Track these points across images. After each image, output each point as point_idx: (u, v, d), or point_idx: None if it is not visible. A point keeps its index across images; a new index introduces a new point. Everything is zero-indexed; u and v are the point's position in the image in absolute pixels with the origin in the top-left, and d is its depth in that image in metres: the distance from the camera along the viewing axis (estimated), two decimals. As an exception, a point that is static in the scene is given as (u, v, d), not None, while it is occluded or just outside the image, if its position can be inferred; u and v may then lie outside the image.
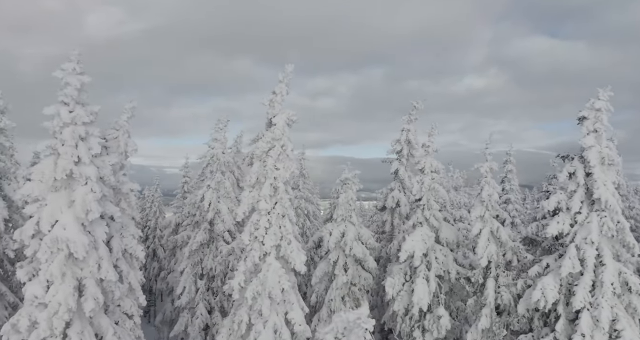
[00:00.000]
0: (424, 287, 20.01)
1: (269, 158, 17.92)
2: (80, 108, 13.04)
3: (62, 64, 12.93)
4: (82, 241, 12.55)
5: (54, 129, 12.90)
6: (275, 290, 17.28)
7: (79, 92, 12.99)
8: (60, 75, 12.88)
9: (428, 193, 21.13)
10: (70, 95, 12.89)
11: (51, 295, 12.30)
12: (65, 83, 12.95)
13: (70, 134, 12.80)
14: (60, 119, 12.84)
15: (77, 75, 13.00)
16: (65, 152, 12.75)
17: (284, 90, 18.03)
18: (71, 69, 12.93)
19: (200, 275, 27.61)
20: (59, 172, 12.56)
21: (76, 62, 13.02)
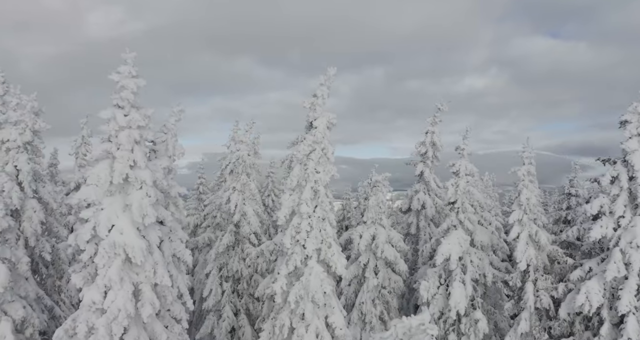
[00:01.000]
0: (461, 291, 19.94)
1: (310, 161, 17.84)
2: (135, 111, 12.95)
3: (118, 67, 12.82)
4: (139, 246, 12.46)
5: (110, 133, 12.79)
6: (318, 294, 17.21)
7: (135, 95, 12.89)
8: (117, 78, 12.78)
9: (463, 196, 21.08)
10: (126, 98, 12.79)
11: (110, 300, 12.20)
12: (121, 86, 12.84)
13: (126, 138, 12.70)
14: (116, 122, 12.74)
15: (132, 79, 12.90)
16: (122, 156, 12.65)
17: (325, 93, 17.95)
18: (127, 72, 12.83)
19: (226, 277, 27.50)
20: (116, 176, 12.46)
21: (132, 65, 12.91)
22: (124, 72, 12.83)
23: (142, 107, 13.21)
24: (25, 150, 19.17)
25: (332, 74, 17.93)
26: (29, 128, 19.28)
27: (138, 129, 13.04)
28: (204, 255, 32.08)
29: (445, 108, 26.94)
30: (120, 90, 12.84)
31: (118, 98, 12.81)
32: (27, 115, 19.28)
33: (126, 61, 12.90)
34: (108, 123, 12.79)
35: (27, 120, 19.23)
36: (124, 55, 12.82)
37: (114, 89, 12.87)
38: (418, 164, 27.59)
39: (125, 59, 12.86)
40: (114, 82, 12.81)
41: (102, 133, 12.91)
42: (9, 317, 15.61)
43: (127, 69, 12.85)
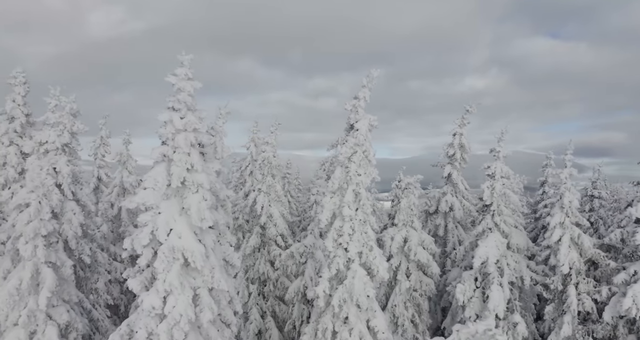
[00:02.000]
0: (500, 294, 19.82)
1: (352, 164, 17.74)
2: (191, 114, 12.83)
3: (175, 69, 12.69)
4: (199, 250, 12.35)
5: (167, 136, 12.67)
6: (361, 297, 17.11)
7: (192, 98, 12.78)
8: (173, 80, 12.66)
9: (498, 198, 20.96)
10: (183, 101, 12.68)
11: (170, 306, 12.07)
12: (178, 89, 12.73)
13: (183, 141, 12.58)
14: (173, 125, 12.62)
15: (189, 81, 12.79)
16: (179, 159, 12.53)
17: (367, 95, 17.85)
18: (183, 75, 12.71)
19: (252, 279, 27.38)
20: (174, 180, 12.35)
21: (188, 67, 12.80)
22: (180, 74, 12.72)
23: (197, 109, 13.09)
24: (63, 152, 19.06)
25: (374, 75, 17.83)
26: (67, 130, 19.17)
27: (193, 132, 12.92)
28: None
29: (473, 110, 26.83)
30: (177, 93, 12.72)
31: (175, 100, 12.69)
32: (66, 117, 19.16)
33: (182, 63, 12.79)
34: (165, 126, 12.67)
35: (65, 121, 19.11)
36: (180, 57, 12.70)
37: (170, 91, 12.75)
38: (445, 165, 27.46)
39: (181, 61, 12.74)
40: (170, 84, 12.68)
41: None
42: (54, 322, 15.50)
43: (183, 71, 12.74)
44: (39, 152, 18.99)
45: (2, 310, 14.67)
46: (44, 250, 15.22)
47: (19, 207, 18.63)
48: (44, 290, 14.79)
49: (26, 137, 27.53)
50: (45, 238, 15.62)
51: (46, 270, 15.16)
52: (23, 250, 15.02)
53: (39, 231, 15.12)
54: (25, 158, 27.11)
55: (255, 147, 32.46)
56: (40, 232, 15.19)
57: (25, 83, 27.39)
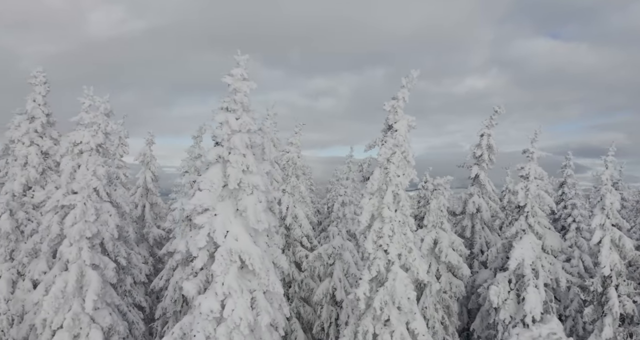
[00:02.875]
0: (536, 296, 19.69)
1: (391, 165, 17.60)
2: (245, 115, 12.68)
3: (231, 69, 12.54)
4: (257, 253, 12.20)
5: (222, 137, 12.51)
6: (403, 300, 16.97)
7: (247, 98, 12.63)
8: (230, 81, 12.50)
9: (533, 200, 20.85)
10: (240, 101, 12.53)
11: (230, 309, 11.90)
12: (234, 89, 12.57)
13: (239, 142, 12.43)
14: (229, 126, 12.47)
15: (245, 81, 12.63)
16: (236, 161, 12.38)
17: (406, 95, 17.71)
18: (239, 75, 12.56)
19: (277, 281, 27.20)
20: (232, 182, 12.19)
21: (244, 67, 12.64)
22: (236, 74, 12.57)
23: (251, 110, 12.94)
24: (97, 153, 18.90)
25: (414, 76, 17.69)
26: (101, 130, 19.01)
27: (247, 133, 12.78)
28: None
29: (502, 110, 26.72)
30: (233, 93, 12.57)
31: (231, 101, 12.54)
32: (100, 117, 19.00)
33: (238, 63, 12.64)
34: (220, 127, 12.51)
35: (99, 121, 18.95)
36: (237, 58, 12.55)
37: (226, 91, 12.59)
38: (473, 166, 27.33)
39: (237, 61, 12.59)
40: (226, 85, 12.52)
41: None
42: (97, 325, 15.33)
43: (239, 72, 12.59)
44: (73, 153, 18.84)
45: (48, 313, 14.47)
46: (89, 253, 15.03)
47: (55, 209, 18.51)
48: (90, 293, 14.62)
49: (46, 137, 27.39)
50: (89, 240, 15.44)
51: (91, 273, 15.00)
52: (67, 252, 14.84)
53: (83, 233, 14.96)
54: (45, 158, 27.03)
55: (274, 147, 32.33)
56: (85, 234, 15.02)
57: (45, 83, 27.21)
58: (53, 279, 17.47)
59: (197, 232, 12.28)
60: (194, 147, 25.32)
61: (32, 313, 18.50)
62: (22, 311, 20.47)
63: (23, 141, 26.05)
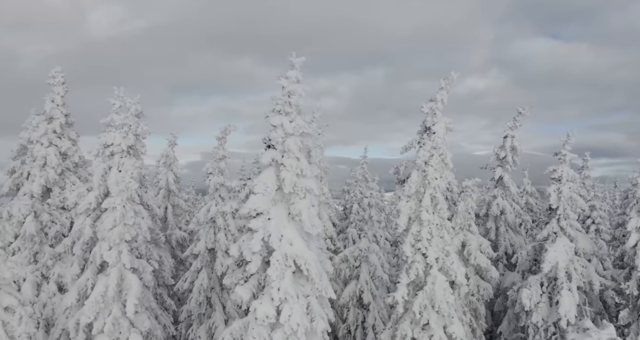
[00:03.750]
0: (570, 299, 19.57)
1: (429, 167, 17.44)
2: (299, 118, 12.46)
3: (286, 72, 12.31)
4: (312, 257, 11.99)
5: (276, 140, 12.29)
6: (442, 304, 16.82)
7: (303, 101, 12.41)
8: (285, 83, 12.27)
9: (565, 202, 20.71)
10: (294, 104, 12.30)
11: (286, 315, 11.68)
12: (288, 92, 12.34)
13: (294, 145, 12.21)
14: (283, 129, 12.24)
15: (299, 84, 12.41)
16: (290, 164, 12.16)
17: (445, 97, 17.54)
18: (294, 78, 12.33)
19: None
20: (287, 185, 11.96)
21: (299, 69, 12.42)
22: (291, 77, 12.34)
23: (304, 113, 12.72)
24: (128, 155, 18.62)
25: (454, 78, 17.51)
26: (131, 131, 18.73)
27: (301, 136, 12.55)
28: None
29: (526, 112, 26.56)
30: (288, 96, 12.34)
31: (285, 103, 12.30)
32: (131, 118, 18.71)
33: (293, 65, 12.41)
34: (275, 130, 12.27)
35: (130, 123, 18.66)
36: (292, 59, 12.32)
37: (281, 93, 12.35)
38: (496, 168, 27.16)
39: (292, 63, 12.36)
40: (281, 87, 12.29)
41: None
42: (137, 329, 15.07)
43: (294, 74, 12.37)
44: (104, 155, 18.56)
45: (89, 318, 14.21)
46: (128, 256, 14.78)
47: (87, 212, 18.22)
48: (131, 297, 14.36)
49: (65, 137, 27.08)
50: (128, 243, 15.18)
51: (131, 277, 14.74)
52: (107, 256, 14.57)
53: (123, 236, 14.70)
54: (64, 159, 26.72)
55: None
56: (125, 238, 14.76)
57: (63, 83, 26.90)
58: (85, 283, 17.22)
59: (251, 236, 12.04)
60: (218, 149, 25.08)
61: (63, 317, 18.21)
62: (50, 314, 20.18)
63: (42, 142, 25.72)
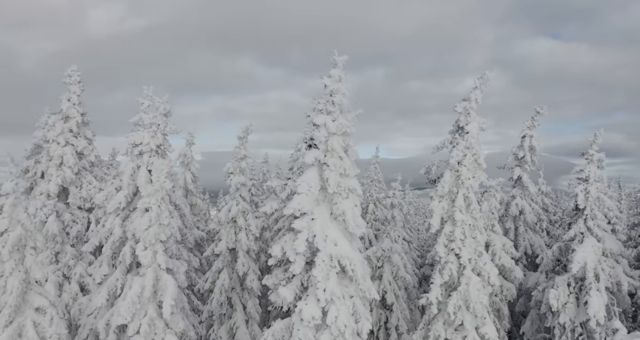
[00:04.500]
0: (600, 300, 19.46)
1: (462, 167, 17.33)
2: (342, 117, 12.33)
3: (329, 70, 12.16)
4: (358, 258, 11.86)
5: (319, 139, 12.15)
6: (477, 304, 16.71)
7: (346, 100, 12.27)
8: (328, 82, 12.14)
9: (592, 203, 20.60)
10: (338, 103, 12.17)
11: (333, 316, 11.56)
12: (331, 90, 12.21)
13: (337, 145, 12.09)
14: (326, 128, 12.10)
15: (342, 83, 12.27)
16: (334, 164, 12.03)
17: (479, 97, 17.44)
18: (337, 76, 12.20)
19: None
20: (332, 185, 11.84)
21: (341, 68, 12.28)
22: (334, 75, 12.21)
23: (348, 111, 12.58)
24: (156, 154, 18.49)
25: (489, 77, 17.40)
26: (159, 131, 18.59)
27: (343, 136, 12.42)
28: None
29: (544, 111, 26.45)
30: (331, 95, 12.20)
31: (328, 102, 12.17)
32: (159, 118, 18.56)
33: (336, 64, 12.28)
34: (318, 129, 12.14)
35: (159, 122, 18.52)
36: (335, 58, 12.19)
37: (324, 92, 12.22)
38: (515, 168, 27.05)
39: (335, 61, 12.22)
40: (325, 86, 12.15)
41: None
42: (171, 330, 14.93)
43: (337, 73, 12.24)
44: (133, 154, 18.42)
45: (125, 319, 14.07)
46: (164, 257, 14.64)
47: (117, 211, 18.08)
48: (167, 298, 14.22)
49: (81, 136, 26.96)
50: (163, 244, 15.04)
51: (166, 277, 14.59)
52: (142, 256, 14.43)
53: (159, 237, 14.54)
54: (80, 158, 26.60)
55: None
56: (160, 238, 14.61)
57: (79, 82, 26.78)
58: (115, 283, 17.09)
59: (295, 237, 11.91)
60: (239, 148, 24.95)
61: (91, 317, 18.08)
62: (75, 314, 20.05)
63: (58, 141, 25.64)
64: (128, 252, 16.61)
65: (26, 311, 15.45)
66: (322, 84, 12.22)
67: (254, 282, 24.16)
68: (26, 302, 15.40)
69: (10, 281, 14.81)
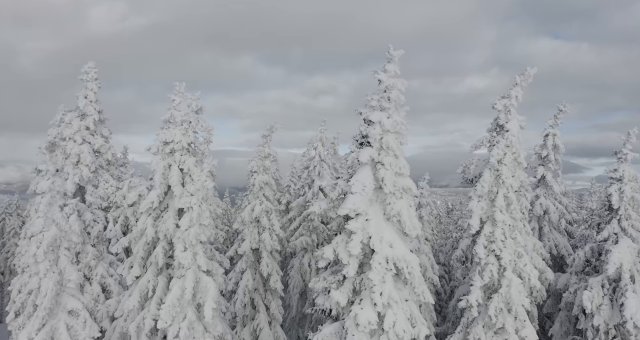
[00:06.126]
0: (636, 301, 19.12)
1: (503, 166, 16.95)
2: (397, 114, 11.92)
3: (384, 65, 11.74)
4: (415, 261, 11.47)
5: (374, 137, 11.74)
6: (519, 307, 16.35)
7: (403, 96, 11.86)
8: (383, 77, 11.73)
9: (627, 203, 20.26)
10: (394, 99, 11.76)
11: (390, 321, 11.16)
12: (386, 86, 11.80)
13: (393, 143, 11.68)
14: (381, 125, 11.70)
15: (398, 78, 11.86)
16: (389, 163, 11.63)
17: (520, 94, 17.06)
18: (393, 72, 11.78)
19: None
20: (387, 185, 11.44)
21: (397, 63, 11.86)
22: (390, 70, 11.80)
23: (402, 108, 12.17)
24: (188, 152, 18.03)
25: (530, 73, 17.00)
26: (191, 128, 18.14)
27: (398, 133, 12.02)
28: (300, 260, 31.01)
29: (567, 109, 26.09)
30: (387, 91, 11.79)
31: (383, 98, 11.76)
32: (191, 115, 18.11)
33: (392, 59, 11.86)
34: (373, 126, 11.73)
35: (190, 119, 18.07)
36: (391, 52, 11.76)
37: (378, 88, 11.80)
38: (538, 167, 26.68)
39: (391, 56, 11.81)
40: (379, 81, 11.73)
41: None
42: (210, 334, 14.52)
43: (392, 68, 11.83)
44: (164, 152, 17.96)
45: (166, 322, 13.64)
46: (204, 258, 14.21)
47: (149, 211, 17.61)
48: (209, 301, 13.80)
49: (97, 134, 26.51)
50: (203, 244, 14.61)
51: (206, 279, 14.17)
52: (182, 257, 14.00)
53: (199, 237, 14.11)
54: (97, 156, 26.13)
55: (322, 146, 31.67)
56: (200, 238, 14.18)
57: (96, 79, 26.33)
58: (147, 285, 16.64)
59: (349, 238, 11.49)
60: (262, 147, 24.54)
61: (121, 320, 17.64)
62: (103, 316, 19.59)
63: (75, 139, 25.22)
64: (160, 253, 16.18)
65: (59, 314, 15.07)
66: (376, 80, 11.78)
67: (277, 283, 23.77)
68: (59, 305, 15.02)
69: (44, 283, 14.42)
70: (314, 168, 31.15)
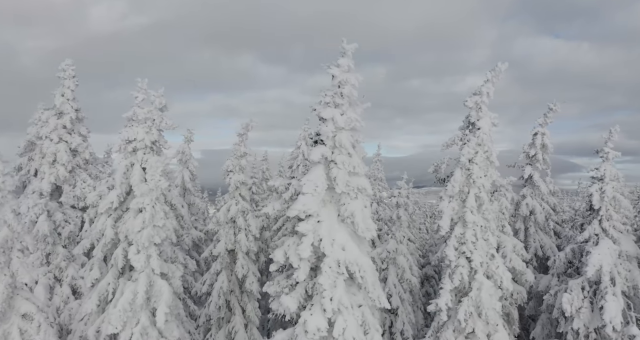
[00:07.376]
0: (616, 304, 18.54)
1: (474, 165, 16.39)
2: (351, 110, 11.37)
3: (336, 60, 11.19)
4: (368, 264, 10.93)
5: (326, 134, 11.20)
6: (490, 311, 15.80)
7: (356, 91, 11.31)
8: (336, 72, 11.18)
9: (608, 203, 19.67)
10: (347, 95, 11.21)
11: (340, 328, 10.63)
12: (339, 82, 11.25)
13: (346, 141, 11.13)
14: (334, 123, 11.15)
15: (352, 73, 11.31)
16: (342, 162, 11.08)
17: (492, 91, 16.50)
18: (346, 66, 11.23)
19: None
20: (339, 184, 10.89)
21: (351, 57, 11.31)
22: (343, 65, 11.24)
23: (357, 104, 11.62)
24: (151, 151, 17.52)
25: (502, 69, 16.44)
26: (154, 126, 17.62)
27: (351, 131, 11.47)
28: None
29: (557, 108, 25.48)
30: (340, 86, 11.24)
31: (336, 94, 11.21)
32: (154, 113, 17.60)
33: (345, 53, 11.31)
34: (325, 123, 11.18)
35: (154, 117, 17.55)
36: (344, 46, 11.21)
37: (331, 83, 11.26)
38: (525, 167, 26.06)
39: (344, 50, 11.26)
40: (332, 77, 11.19)
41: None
42: (165, 339, 13.98)
43: (346, 62, 11.27)
44: (126, 151, 17.45)
45: (115, 328, 13.12)
46: (158, 261, 13.68)
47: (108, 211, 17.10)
48: (162, 305, 13.28)
49: (75, 133, 25.97)
50: (157, 247, 14.08)
51: (161, 283, 13.65)
52: (135, 260, 13.49)
53: (152, 239, 13.59)
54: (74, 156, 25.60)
55: (306, 145, 31.11)
56: (154, 240, 13.66)
57: (74, 76, 25.78)
58: (106, 287, 16.13)
59: (300, 241, 10.96)
60: (238, 145, 23.98)
61: (82, 323, 17.14)
62: (66, 320, 19.11)
63: (51, 138, 24.67)
64: (120, 255, 15.63)
65: (12, 318, 14.52)
66: (330, 75, 11.22)
67: (253, 285, 23.23)
68: (12, 308, 14.48)
69: (-6, 286, 13.88)
70: (297, 167, 30.62)
